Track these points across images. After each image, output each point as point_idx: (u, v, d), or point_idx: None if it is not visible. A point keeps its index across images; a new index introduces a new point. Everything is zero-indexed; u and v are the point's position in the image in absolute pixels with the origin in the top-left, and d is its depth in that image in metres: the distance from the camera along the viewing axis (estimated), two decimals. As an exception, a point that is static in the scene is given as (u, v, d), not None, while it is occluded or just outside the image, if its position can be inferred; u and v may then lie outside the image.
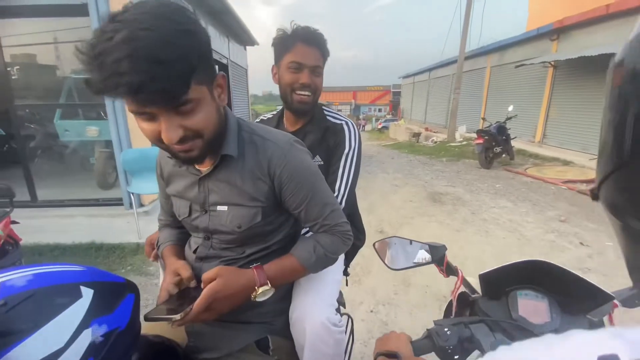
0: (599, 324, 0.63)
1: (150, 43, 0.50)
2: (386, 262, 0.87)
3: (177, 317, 0.65)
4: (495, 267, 0.68)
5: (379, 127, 22.61)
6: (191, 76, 0.56)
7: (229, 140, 0.74)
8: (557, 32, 8.59)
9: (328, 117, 1.20)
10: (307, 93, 1.10)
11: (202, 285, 0.73)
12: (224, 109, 0.76)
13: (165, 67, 0.51)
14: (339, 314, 0.98)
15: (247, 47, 11.65)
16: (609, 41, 6.88)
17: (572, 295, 0.63)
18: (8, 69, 3.98)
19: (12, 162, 5.78)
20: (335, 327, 0.88)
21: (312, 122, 1.18)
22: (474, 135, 7.74)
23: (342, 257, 1.15)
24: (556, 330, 0.54)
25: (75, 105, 4.78)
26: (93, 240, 3.27)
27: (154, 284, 2.63)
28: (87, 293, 0.53)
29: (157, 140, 0.63)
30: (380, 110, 39.00)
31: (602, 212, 0.36)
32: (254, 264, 0.79)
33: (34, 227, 3.47)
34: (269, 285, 0.75)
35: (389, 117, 28.23)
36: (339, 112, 1.24)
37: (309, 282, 0.92)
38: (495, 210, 4.45)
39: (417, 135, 13.78)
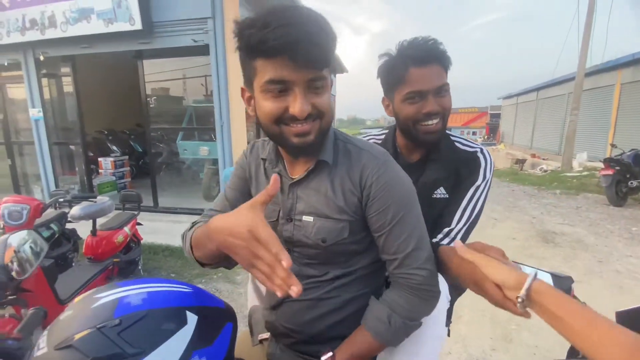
0: None
1: (314, 12, 0.61)
2: None
3: None
4: (637, 306, 0.63)
5: (473, 152, 20.77)
6: (333, 55, 0.64)
7: (327, 146, 0.72)
8: None
9: (457, 144, 1.01)
10: (434, 121, 0.93)
11: None
12: None
13: (327, 33, 0.61)
14: None
15: (337, 75, 12.19)
16: None
17: None
18: (148, 99, 4.94)
19: (145, 174, 7.10)
20: None
21: (437, 150, 0.99)
22: (599, 164, 6.42)
23: (445, 302, 0.88)
24: None
25: (193, 128, 5.65)
26: (195, 246, 3.69)
27: (240, 293, 2.80)
28: (192, 319, 0.51)
29: (275, 121, 0.65)
30: (474, 133, 36.07)
31: None
32: (337, 290, 0.74)
33: (152, 228, 4.10)
34: None
35: (480, 140, 25.76)
36: (468, 139, 1.06)
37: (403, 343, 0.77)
38: (632, 260, 3.52)
39: (521, 162, 12.18)
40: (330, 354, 0.70)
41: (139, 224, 3.13)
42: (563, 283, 0.78)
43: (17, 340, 0.97)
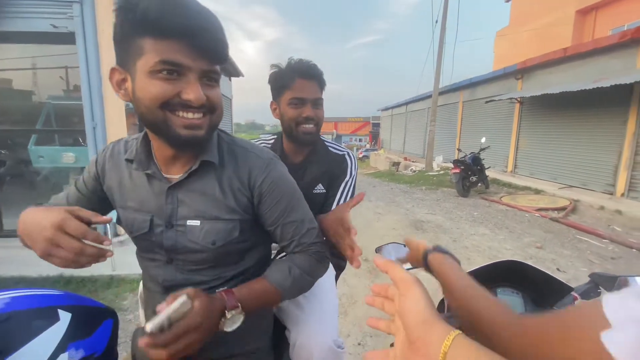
0: None
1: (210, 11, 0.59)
2: None
3: (150, 325, 0.50)
4: (480, 266, 0.80)
5: (360, 156, 23.12)
6: (228, 52, 0.64)
7: (210, 147, 0.71)
8: (521, 71, 9.35)
9: (330, 149, 1.23)
10: (311, 125, 1.12)
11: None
12: None
13: (224, 30, 0.61)
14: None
15: (232, 78, 11.89)
16: (568, 80, 7.56)
17: (541, 289, 0.74)
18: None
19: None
20: (340, 349, 0.87)
21: (315, 153, 1.20)
22: (451, 165, 8.06)
23: (333, 279, 1.16)
24: None
25: (52, 131, 4.65)
26: (61, 273, 3.06)
27: (128, 320, 2.47)
28: (65, 317, 0.53)
29: (162, 105, 0.58)
30: (360, 140, 39.98)
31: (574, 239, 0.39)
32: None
33: (-4, 258, 3.23)
34: (240, 308, 0.63)
35: (367, 146, 29.06)
36: (338, 144, 1.29)
37: (310, 305, 0.91)
38: (475, 237, 4.56)
39: (396, 164, 14.17)
40: (225, 287, 0.68)
41: (-25, 251, 2.43)
42: None
43: None
